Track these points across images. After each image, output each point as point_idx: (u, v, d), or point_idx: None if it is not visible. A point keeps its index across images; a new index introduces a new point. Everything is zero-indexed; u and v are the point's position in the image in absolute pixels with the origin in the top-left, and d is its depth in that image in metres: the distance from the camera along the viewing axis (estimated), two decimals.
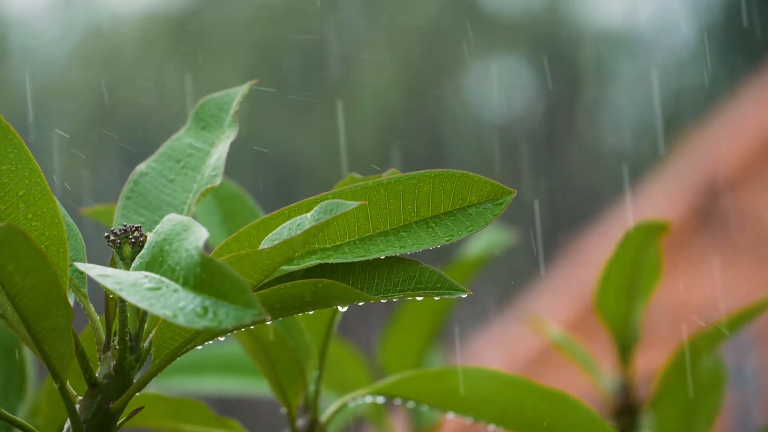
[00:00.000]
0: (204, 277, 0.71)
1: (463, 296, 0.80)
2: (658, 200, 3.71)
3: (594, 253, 3.66)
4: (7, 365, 1.17)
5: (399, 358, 1.73)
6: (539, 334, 1.85)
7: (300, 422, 1.15)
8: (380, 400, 1.10)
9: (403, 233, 0.83)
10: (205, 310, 0.70)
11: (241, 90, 0.96)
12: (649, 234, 1.51)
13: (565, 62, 6.88)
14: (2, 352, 1.16)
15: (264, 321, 0.70)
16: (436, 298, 0.81)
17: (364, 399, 1.10)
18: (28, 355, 1.21)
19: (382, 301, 0.81)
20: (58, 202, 0.86)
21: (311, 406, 1.15)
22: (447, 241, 0.81)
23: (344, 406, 1.12)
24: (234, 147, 0.94)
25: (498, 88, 7.12)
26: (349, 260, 0.83)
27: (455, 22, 6.92)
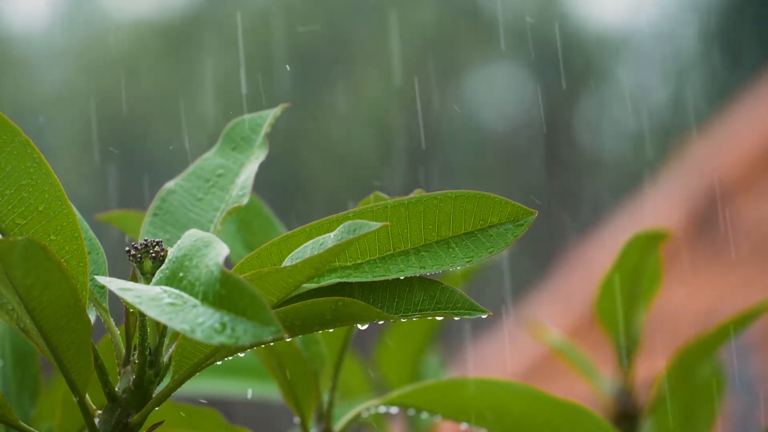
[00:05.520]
0: (223, 293, 0.72)
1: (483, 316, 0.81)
2: (658, 207, 3.72)
3: (594, 259, 3.66)
4: (21, 372, 1.17)
5: (396, 362, 1.73)
6: (540, 340, 1.86)
7: None
8: (394, 410, 1.11)
9: (423, 253, 0.83)
10: (223, 326, 0.71)
11: (273, 112, 0.96)
12: (650, 242, 1.52)
13: (565, 69, 6.88)
14: (17, 360, 1.16)
15: (282, 338, 0.70)
16: (456, 318, 0.81)
17: (377, 409, 1.10)
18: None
19: (402, 320, 0.81)
20: (79, 215, 0.86)
21: (325, 416, 1.15)
22: (467, 262, 0.82)
23: (358, 416, 1.12)
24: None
25: (497, 94, 7.12)
26: (369, 279, 0.83)
27: (455, 28, 6.93)
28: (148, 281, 0.84)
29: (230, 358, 0.83)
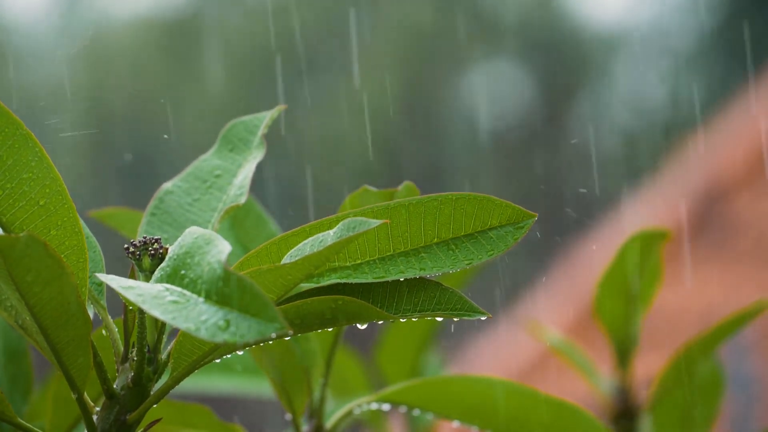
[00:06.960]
0: (226, 290, 0.71)
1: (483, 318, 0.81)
2: (656, 206, 3.72)
3: (593, 258, 3.67)
4: (13, 368, 1.16)
5: (396, 360, 1.73)
6: (538, 338, 1.86)
7: (305, 428, 1.15)
8: (386, 407, 1.11)
9: (423, 254, 0.83)
10: (227, 323, 0.70)
11: (270, 113, 0.96)
12: (650, 242, 1.52)
13: (562, 66, 6.88)
14: (9, 356, 1.16)
15: (286, 335, 0.70)
16: (455, 320, 0.81)
17: (369, 406, 1.10)
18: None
19: (402, 320, 0.81)
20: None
21: (316, 413, 1.15)
22: (467, 264, 0.82)
23: (350, 412, 1.13)
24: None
25: (494, 92, 7.12)
26: (369, 280, 0.83)
27: (452, 26, 6.93)
28: (147, 279, 0.83)
29: (228, 356, 0.83)
